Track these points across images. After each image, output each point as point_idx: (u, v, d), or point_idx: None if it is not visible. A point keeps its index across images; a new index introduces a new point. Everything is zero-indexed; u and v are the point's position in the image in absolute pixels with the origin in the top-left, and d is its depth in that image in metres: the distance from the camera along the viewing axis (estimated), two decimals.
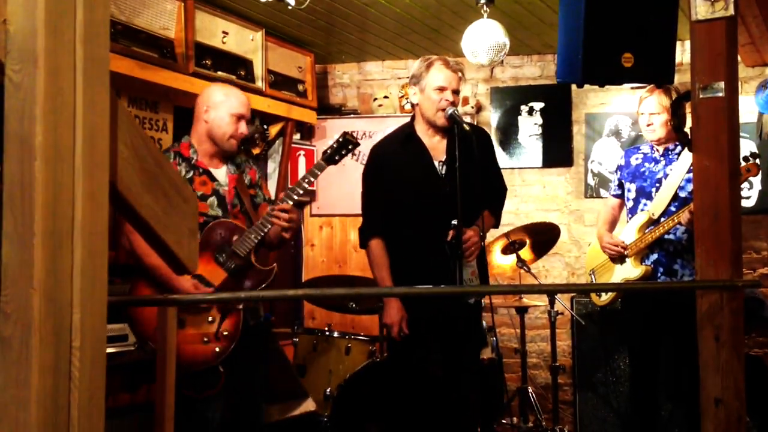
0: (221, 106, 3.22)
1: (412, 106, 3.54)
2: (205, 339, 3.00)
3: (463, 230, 3.24)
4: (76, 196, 0.83)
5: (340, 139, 3.33)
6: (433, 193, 3.40)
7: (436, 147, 3.47)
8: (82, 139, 0.77)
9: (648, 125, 3.89)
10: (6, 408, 0.76)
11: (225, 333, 3.06)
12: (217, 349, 3.01)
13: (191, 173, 3.20)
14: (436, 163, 3.45)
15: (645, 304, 3.91)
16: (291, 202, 3.16)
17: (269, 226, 3.14)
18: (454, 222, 3.20)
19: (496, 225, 3.72)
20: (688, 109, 3.83)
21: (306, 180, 3.22)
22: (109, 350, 3.16)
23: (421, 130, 3.49)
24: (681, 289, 3.61)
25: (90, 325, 0.83)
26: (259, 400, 3.29)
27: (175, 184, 1.06)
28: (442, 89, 3.38)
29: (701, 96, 2.78)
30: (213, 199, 3.21)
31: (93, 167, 0.81)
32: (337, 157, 3.30)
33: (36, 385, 0.77)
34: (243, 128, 3.26)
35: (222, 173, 3.28)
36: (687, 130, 3.74)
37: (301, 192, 3.20)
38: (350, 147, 3.33)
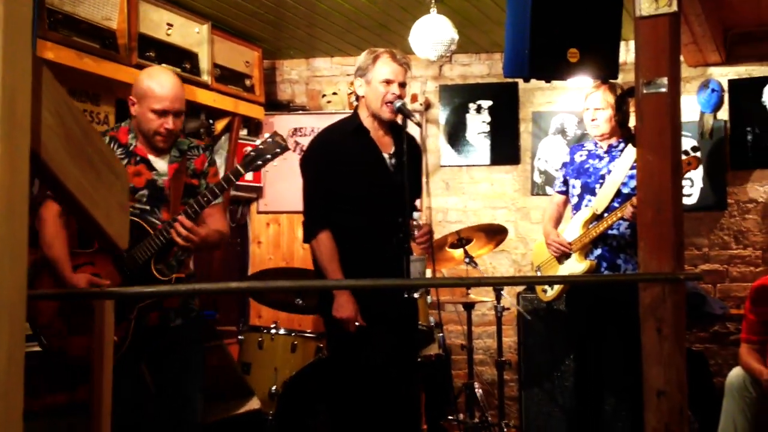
0: (143, 101, 3.04)
1: (357, 98, 3.49)
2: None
3: (419, 224, 3.24)
4: None
5: (269, 140, 3.11)
6: (384, 185, 3.37)
7: (382, 140, 3.45)
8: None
9: (592, 120, 3.94)
10: None
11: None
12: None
13: (126, 161, 3.06)
14: (385, 156, 3.42)
15: (588, 298, 3.95)
16: (193, 215, 2.97)
17: (162, 240, 2.97)
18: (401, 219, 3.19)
19: None
20: (631, 108, 3.92)
21: (213, 192, 3.01)
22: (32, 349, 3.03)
23: (367, 123, 3.44)
24: (625, 282, 3.66)
25: (8, 312, 0.78)
26: (192, 397, 3.15)
27: (105, 158, 1.02)
28: (388, 82, 3.35)
29: (645, 91, 2.81)
30: (144, 193, 3.07)
31: (12, 130, 0.76)
32: (260, 162, 3.09)
33: None
34: (169, 124, 3.04)
35: (162, 162, 3.13)
36: (630, 126, 3.81)
37: (205, 204, 3.00)
38: (278, 151, 3.10)
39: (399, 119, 3.38)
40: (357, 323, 3.24)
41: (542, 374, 4.67)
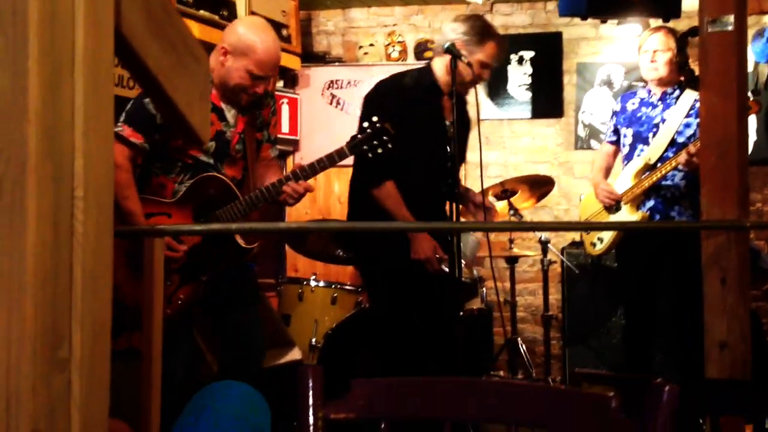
0: (241, 58, 2.75)
1: (440, 52, 3.34)
2: None
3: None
4: (76, 20, 0.69)
5: (376, 126, 2.89)
6: (440, 153, 3.32)
7: (446, 104, 3.38)
8: None
9: (651, 62, 3.77)
10: None
11: (179, 299, 2.80)
12: (167, 312, 2.68)
13: None
14: (447, 123, 3.36)
15: (641, 252, 3.82)
16: (303, 180, 2.81)
17: (262, 203, 2.81)
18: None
19: None
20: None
21: (321, 164, 2.84)
22: None
23: (442, 83, 3.35)
24: (686, 230, 3.53)
25: (95, 176, 0.69)
26: (255, 334, 3.03)
27: (186, 41, 0.92)
28: (487, 66, 3.34)
29: (709, 30, 2.67)
30: (211, 144, 2.83)
31: (95, 2, 0.67)
32: (365, 147, 2.89)
33: (32, 236, 0.63)
34: (261, 89, 2.81)
35: (233, 113, 2.90)
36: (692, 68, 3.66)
37: (310, 174, 2.84)
38: (384, 139, 2.89)
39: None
40: (438, 260, 3.22)
41: (587, 331, 4.57)
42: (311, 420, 1.04)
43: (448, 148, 3.29)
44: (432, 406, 1.06)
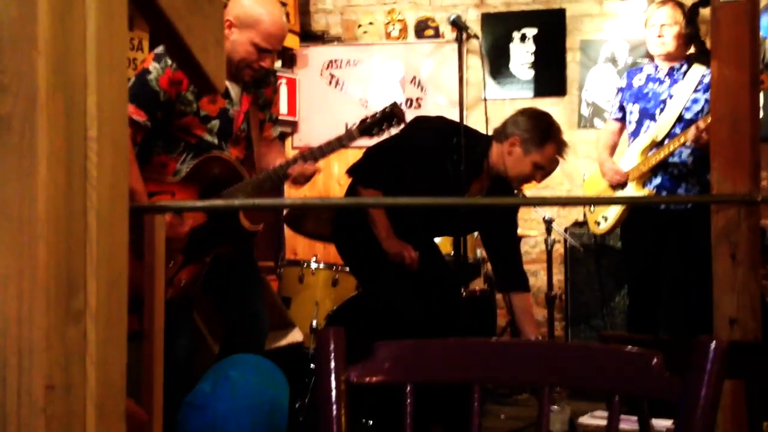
0: (246, 30, 2.67)
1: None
2: None
3: None
4: None
5: (387, 110, 2.85)
6: (435, 224, 3.38)
7: (478, 187, 3.31)
8: None
9: (658, 36, 3.70)
10: (7, 204, 0.56)
11: (181, 281, 2.73)
12: (169, 294, 2.61)
13: None
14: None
15: (647, 231, 3.77)
16: (312, 161, 2.76)
17: (269, 184, 2.76)
18: None
19: None
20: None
21: (329, 147, 2.78)
22: None
23: (488, 164, 3.26)
24: (696, 204, 3.49)
25: (109, 114, 0.63)
26: (259, 312, 2.98)
27: None
28: (541, 168, 3.27)
29: None
30: (215, 123, 2.76)
31: None
32: (375, 130, 2.85)
33: (44, 178, 0.58)
34: (266, 62, 2.74)
35: (237, 91, 2.81)
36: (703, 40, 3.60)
37: (319, 156, 2.78)
38: (394, 122, 2.86)
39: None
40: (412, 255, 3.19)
41: (590, 311, 4.53)
42: (333, 384, 0.99)
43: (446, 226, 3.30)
44: (461, 368, 1.00)
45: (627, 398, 0.95)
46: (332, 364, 1.00)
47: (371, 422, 3.36)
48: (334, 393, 0.99)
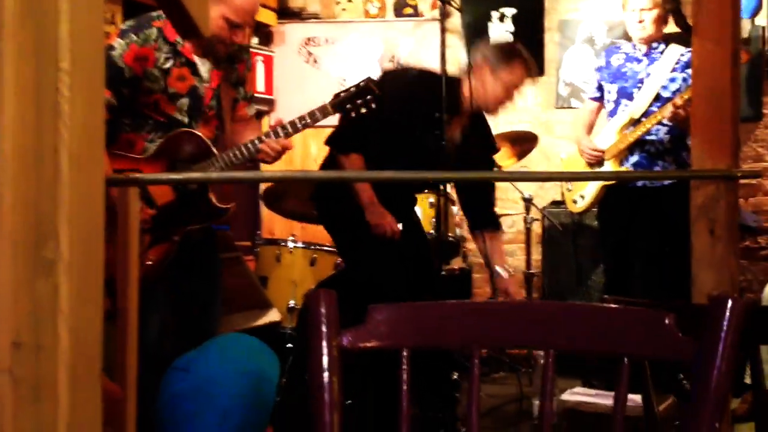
0: (218, 5, 2.62)
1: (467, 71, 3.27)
2: None
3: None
4: None
5: (361, 84, 2.80)
6: (423, 166, 3.21)
7: (459, 124, 3.34)
8: None
9: (639, 22, 3.69)
10: None
11: (149, 261, 2.66)
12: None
13: (171, 62, 2.67)
14: (446, 139, 3.22)
15: (623, 209, 3.78)
16: (283, 137, 2.70)
17: (241, 160, 2.70)
18: None
19: None
20: None
21: (303, 121, 2.71)
22: None
23: (464, 100, 3.32)
24: (675, 179, 3.50)
25: (84, 44, 0.59)
26: (210, 304, 2.95)
27: None
28: (515, 87, 3.38)
29: None
30: (185, 101, 2.71)
31: None
32: (349, 106, 2.79)
33: (10, 113, 0.53)
34: (239, 37, 2.71)
35: (206, 67, 2.76)
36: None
37: (292, 132, 2.72)
38: (368, 99, 2.79)
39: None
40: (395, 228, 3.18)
41: (567, 290, 4.54)
42: (325, 349, 0.94)
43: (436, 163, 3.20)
44: (459, 332, 0.97)
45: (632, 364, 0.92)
46: (323, 329, 0.96)
47: (350, 401, 3.34)
48: (326, 359, 0.94)
